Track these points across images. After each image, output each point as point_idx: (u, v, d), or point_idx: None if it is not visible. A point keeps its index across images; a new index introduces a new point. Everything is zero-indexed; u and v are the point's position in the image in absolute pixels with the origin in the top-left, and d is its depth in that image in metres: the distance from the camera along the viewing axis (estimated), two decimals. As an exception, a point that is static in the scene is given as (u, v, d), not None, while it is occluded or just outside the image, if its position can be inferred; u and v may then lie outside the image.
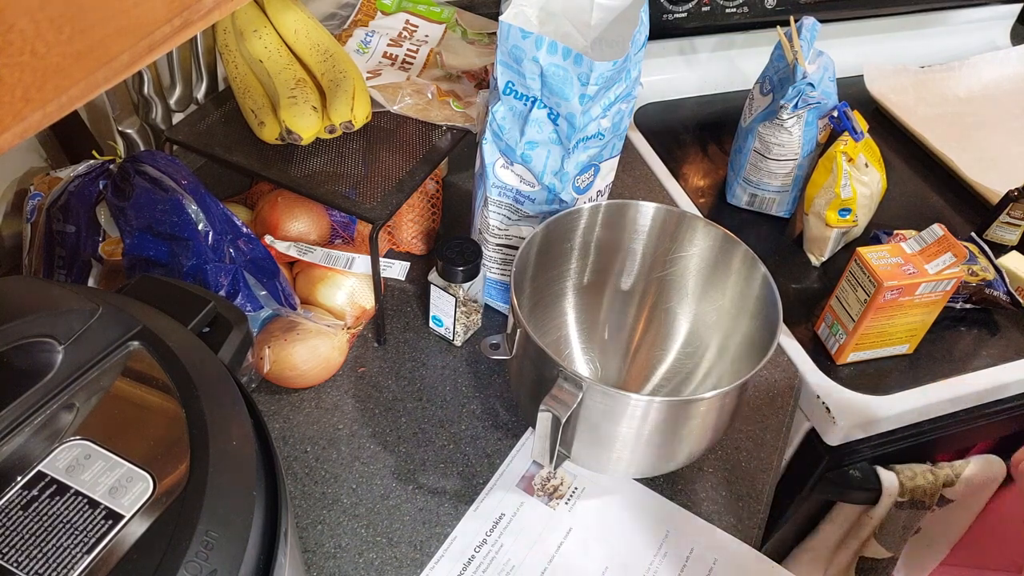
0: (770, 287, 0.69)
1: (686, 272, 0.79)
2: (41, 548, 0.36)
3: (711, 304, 0.78)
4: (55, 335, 0.42)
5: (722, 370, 0.77)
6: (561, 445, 0.66)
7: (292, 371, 0.75)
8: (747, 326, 0.74)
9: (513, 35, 0.66)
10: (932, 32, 1.34)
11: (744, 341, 0.74)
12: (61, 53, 0.27)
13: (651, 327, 0.83)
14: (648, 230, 0.78)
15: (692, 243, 0.77)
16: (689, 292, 0.80)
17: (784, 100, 0.90)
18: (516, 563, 0.68)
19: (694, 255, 0.77)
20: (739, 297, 0.75)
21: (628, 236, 0.78)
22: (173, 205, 0.68)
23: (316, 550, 0.67)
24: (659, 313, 0.82)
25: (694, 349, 0.80)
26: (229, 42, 0.83)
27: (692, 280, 0.79)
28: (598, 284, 0.82)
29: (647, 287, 0.81)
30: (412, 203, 0.88)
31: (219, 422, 0.42)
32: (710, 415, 0.66)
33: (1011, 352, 0.88)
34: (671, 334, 0.82)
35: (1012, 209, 0.97)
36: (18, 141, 0.27)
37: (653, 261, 0.80)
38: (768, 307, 0.69)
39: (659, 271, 0.80)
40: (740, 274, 0.74)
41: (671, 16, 1.12)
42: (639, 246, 0.79)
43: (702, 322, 0.80)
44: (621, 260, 0.80)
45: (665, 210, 0.76)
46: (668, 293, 0.81)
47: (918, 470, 0.89)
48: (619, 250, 0.80)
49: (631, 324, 0.84)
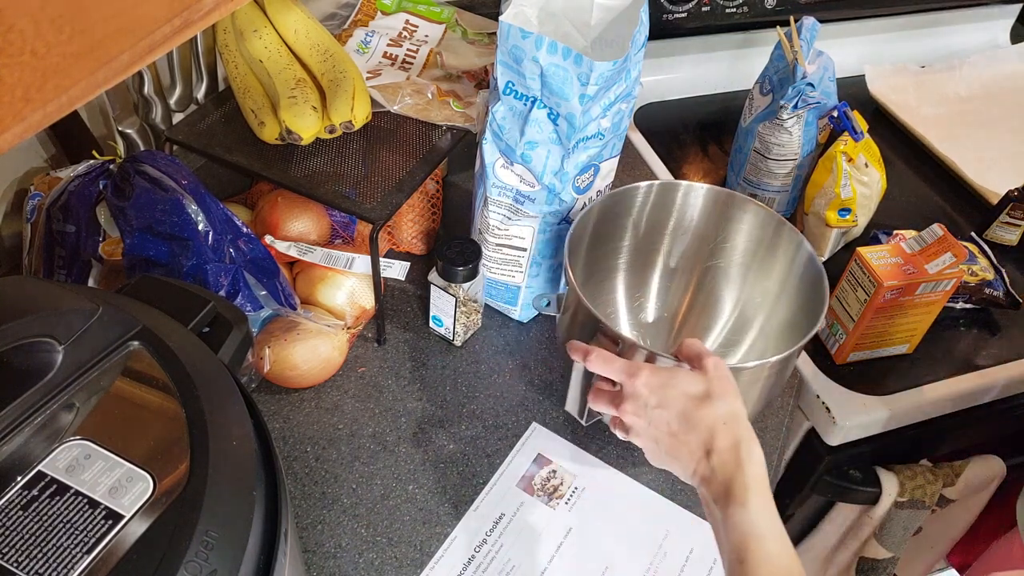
0: (815, 266, 0.70)
1: (734, 252, 0.80)
2: (41, 548, 0.36)
3: (757, 285, 0.79)
4: (55, 335, 0.42)
5: (764, 345, 0.78)
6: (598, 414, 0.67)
7: (292, 371, 0.75)
8: (788, 307, 0.75)
9: (513, 35, 0.66)
10: (932, 32, 1.34)
11: (787, 318, 0.75)
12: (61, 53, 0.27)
13: (696, 306, 0.84)
14: (700, 210, 0.79)
15: (742, 224, 0.78)
16: (736, 273, 0.81)
17: (784, 100, 0.90)
18: (516, 563, 0.68)
19: (743, 236, 0.79)
20: (783, 278, 0.76)
21: (680, 216, 0.80)
22: (173, 205, 0.68)
23: (316, 550, 0.67)
24: (705, 293, 0.83)
25: (738, 326, 0.81)
26: (229, 42, 0.83)
27: (739, 260, 0.80)
28: (648, 262, 0.83)
29: (695, 267, 0.83)
30: (412, 203, 0.88)
31: (219, 422, 0.42)
32: (752, 385, 0.66)
33: (1011, 352, 0.88)
34: (716, 313, 0.83)
35: (1012, 209, 0.97)
36: (18, 141, 0.27)
37: (703, 241, 0.81)
38: (812, 286, 0.70)
39: (709, 252, 0.81)
40: (787, 255, 0.75)
41: (671, 16, 1.12)
42: (690, 226, 0.80)
43: (748, 302, 0.81)
44: (671, 239, 0.82)
45: (716, 191, 0.78)
46: (715, 274, 0.82)
47: (918, 470, 0.89)
48: (670, 229, 0.81)
49: (677, 302, 0.85)
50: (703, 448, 0.55)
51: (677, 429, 0.56)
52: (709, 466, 0.54)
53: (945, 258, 0.77)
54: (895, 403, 0.83)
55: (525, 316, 0.86)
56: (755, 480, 0.53)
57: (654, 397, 0.58)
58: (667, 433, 0.57)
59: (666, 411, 0.57)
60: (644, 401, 0.58)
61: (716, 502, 0.54)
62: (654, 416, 0.58)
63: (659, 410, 0.57)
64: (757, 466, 0.54)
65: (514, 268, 0.82)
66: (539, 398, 0.80)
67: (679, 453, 0.57)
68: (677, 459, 0.57)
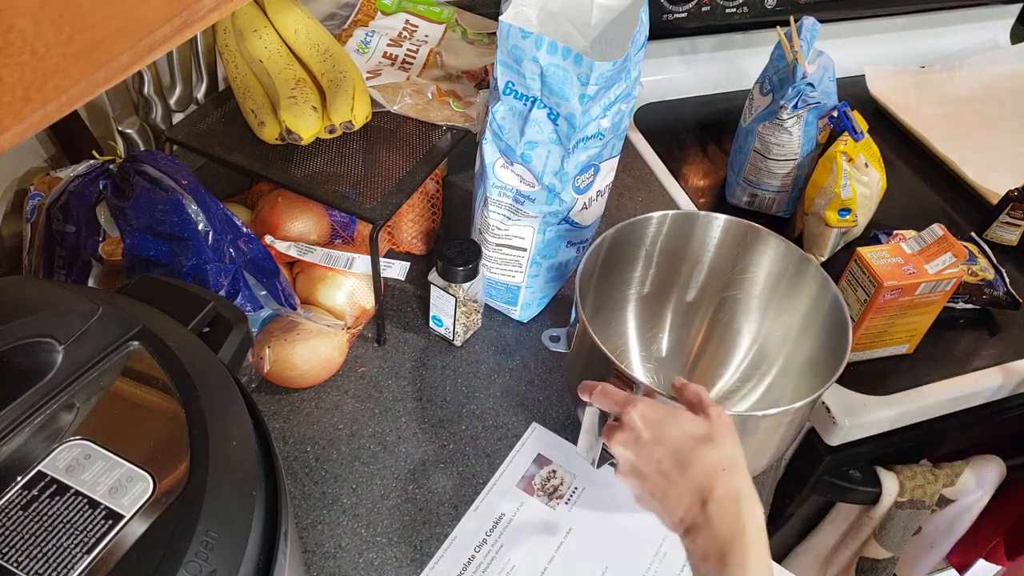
0: (840, 309, 0.67)
1: (754, 287, 0.77)
2: (41, 548, 0.36)
3: (778, 322, 0.76)
4: (55, 335, 0.42)
5: (784, 386, 0.74)
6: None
7: (292, 371, 0.75)
8: (812, 343, 0.72)
9: (513, 35, 0.66)
10: (932, 32, 1.34)
11: (809, 358, 0.72)
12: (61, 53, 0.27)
13: (712, 341, 0.81)
14: (718, 243, 0.76)
15: (763, 257, 0.75)
16: (755, 308, 0.78)
17: (784, 100, 0.90)
18: (516, 563, 0.68)
19: (763, 270, 0.76)
20: (807, 314, 0.73)
21: (696, 247, 0.77)
22: (173, 205, 0.68)
23: (316, 550, 0.67)
24: (722, 327, 0.80)
25: (756, 364, 0.78)
26: (229, 42, 0.83)
27: (759, 295, 0.77)
28: (662, 294, 0.81)
29: (712, 300, 0.80)
30: (412, 203, 0.88)
31: (219, 422, 0.42)
32: (773, 431, 0.62)
33: (1011, 352, 0.88)
34: (733, 349, 0.80)
35: (1012, 209, 0.97)
36: (18, 141, 0.27)
37: (720, 274, 0.78)
38: (836, 328, 0.67)
39: (726, 285, 0.78)
40: (810, 291, 0.72)
41: (671, 16, 1.12)
42: (707, 258, 0.77)
43: (768, 339, 0.77)
44: (687, 271, 0.79)
45: (736, 223, 0.75)
46: (733, 307, 0.79)
47: (918, 470, 0.89)
48: (686, 260, 0.78)
49: (692, 336, 0.82)
50: (698, 494, 0.51)
51: (669, 469, 0.52)
52: (704, 515, 0.50)
53: (945, 258, 0.77)
54: (895, 403, 0.83)
55: (525, 316, 0.86)
56: (756, 543, 0.49)
57: (649, 431, 0.54)
58: (656, 471, 0.53)
59: (660, 447, 0.53)
60: (637, 433, 0.54)
61: (706, 559, 0.49)
62: (646, 451, 0.53)
63: (653, 446, 0.53)
64: (758, 529, 0.49)
65: (514, 268, 0.82)
66: (539, 398, 0.80)
67: (667, 496, 0.52)
68: (663, 502, 0.53)
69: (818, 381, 0.64)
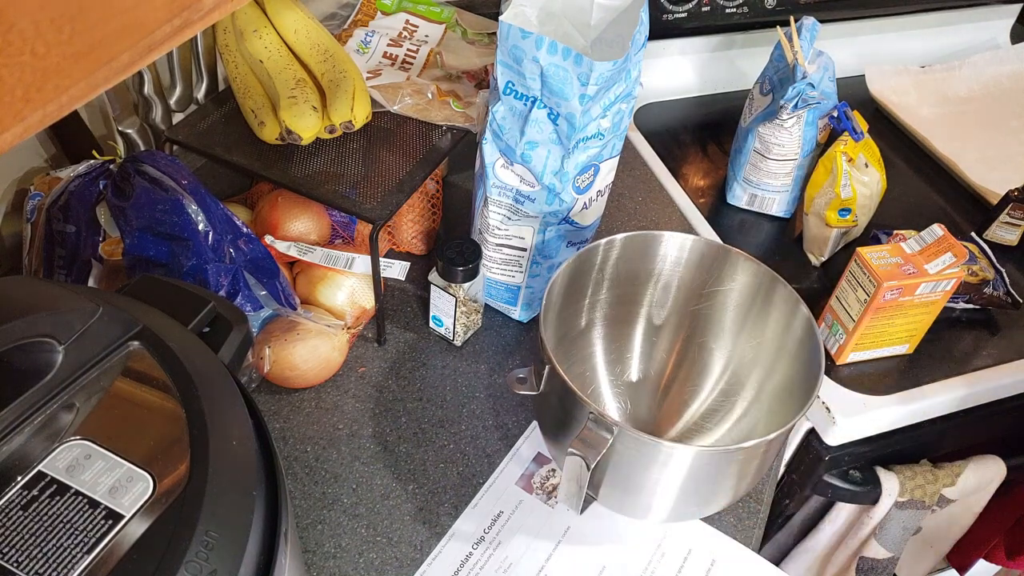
0: (812, 332, 0.65)
1: (724, 307, 0.75)
2: (41, 548, 0.36)
3: (749, 341, 0.74)
4: (55, 335, 0.42)
5: (759, 412, 0.73)
6: (588, 487, 0.61)
7: (292, 371, 0.75)
8: (787, 367, 0.70)
9: (513, 35, 0.66)
10: (932, 32, 1.34)
11: (783, 382, 0.70)
12: (61, 53, 0.27)
13: (684, 363, 0.79)
14: (685, 262, 0.74)
15: (732, 278, 0.73)
16: (726, 328, 0.76)
17: (784, 100, 0.90)
18: (513, 560, 0.68)
19: (733, 290, 0.73)
20: (779, 336, 0.71)
21: (660, 267, 0.75)
22: (173, 205, 0.68)
23: (316, 550, 0.67)
24: (693, 349, 0.78)
25: (730, 388, 0.76)
26: (229, 42, 0.83)
27: (730, 316, 0.75)
28: (629, 316, 0.78)
29: (681, 321, 0.77)
30: (412, 203, 0.88)
31: (219, 422, 0.42)
32: (749, 462, 0.62)
33: (1011, 352, 0.88)
34: (705, 371, 0.78)
35: (1012, 209, 0.97)
36: (18, 141, 0.27)
37: (688, 294, 0.76)
38: (809, 352, 0.65)
39: (695, 305, 0.76)
40: (781, 313, 0.70)
41: (671, 16, 1.12)
42: (674, 279, 0.75)
43: (739, 360, 0.75)
44: (653, 292, 0.76)
45: (704, 242, 0.73)
46: (704, 328, 0.77)
47: (918, 470, 0.89)
48: (651, 281, 0.76)
49: (663, 359, 0.80)
50: None
51: None
52: None
53: (945, 258, 0.77)
54: (895, 403, 0.83)
55: (525, 316, 0.86)
56: None
57: None
58: None
59: None
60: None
61: None
62: None
63: None
64: None
65: (514, 268, 0.82)
66: (539, 398, 0.80)
67: None
68: None
69: (795, 405, 0.63)
